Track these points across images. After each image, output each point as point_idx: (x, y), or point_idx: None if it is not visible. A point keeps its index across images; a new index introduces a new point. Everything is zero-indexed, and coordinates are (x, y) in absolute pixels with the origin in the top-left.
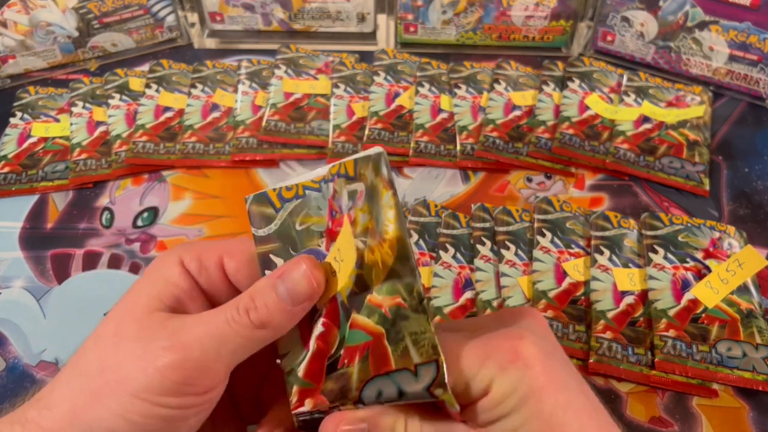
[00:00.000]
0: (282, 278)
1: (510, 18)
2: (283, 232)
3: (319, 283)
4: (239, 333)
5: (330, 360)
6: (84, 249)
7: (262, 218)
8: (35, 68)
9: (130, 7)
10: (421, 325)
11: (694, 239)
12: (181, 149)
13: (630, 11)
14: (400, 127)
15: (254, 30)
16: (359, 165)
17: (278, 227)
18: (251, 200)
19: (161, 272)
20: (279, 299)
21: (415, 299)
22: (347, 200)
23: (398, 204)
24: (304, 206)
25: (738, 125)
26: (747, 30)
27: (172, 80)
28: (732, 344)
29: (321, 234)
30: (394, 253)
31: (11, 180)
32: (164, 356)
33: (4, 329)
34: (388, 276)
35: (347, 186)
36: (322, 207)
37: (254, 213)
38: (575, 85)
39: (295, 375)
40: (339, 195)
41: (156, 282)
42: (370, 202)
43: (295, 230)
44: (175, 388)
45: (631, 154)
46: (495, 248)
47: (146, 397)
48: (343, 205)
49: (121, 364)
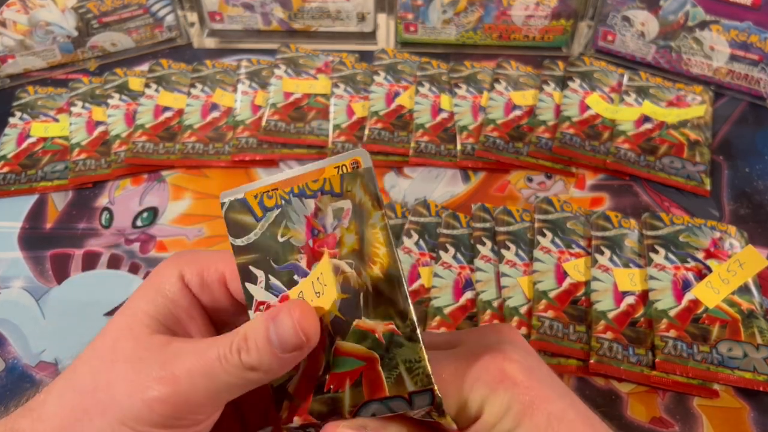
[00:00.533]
0: (275, 322)
1: (510, 17)
2: (264, 242)
3: (309, 335)
4: (229, 372)
5: (317, 382)
6: (83, 249)
7: (241, 227)
8: (34, 68)
9: (130, 7)
10: (416, 353)
11: (695, 239)
12: (181, 149)
13: (631, 11)
14: (400, 127)
15: (254, 30)
16: (346, 181)
17: (258, 237)
18: (227, 206)
19: (162, 288)
20: (270, 344)
21: (409, 327)
22: (332, 219)
23: (388, 225)
24: (284, 216)
25: (739, 125)
26: (748, 29)
27: (172, 80)
28: (733, 344)
29: (299, 250)
30: (385, 278)
31: (10, 180)
32: (154, 388)
33: (4, 329)
34: (380, 301)
35: (332, 203)
36: (299, 223)
37: (232, 221)
38: (576, 85)
39: (284, 391)
40: (323, 213)
41: (156, 299)
42: (358, 221)
43: (277, 241)
44: (163, 421)
45: (631, 153)
46: (495, 248)
47: (133, 426)
48: (327, 224)
49: (113, 386)
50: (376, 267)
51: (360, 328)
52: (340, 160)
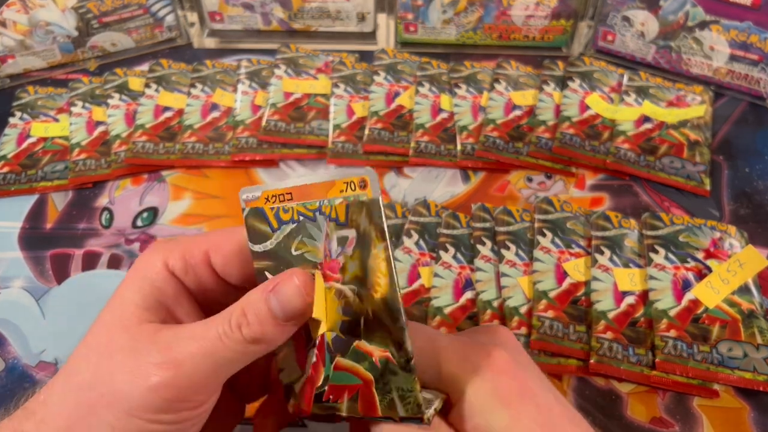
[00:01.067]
0: (275, 292)
1: (510, 17)
2: (279, 252)
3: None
4: (231, 348)
5: (317, 390)
6: (83, 249)
7: (259, 234)
8: (34, 68)
9: (130, 7)
10: (408, 383)
11: (695, 239)
12: (181, 149)
13: (630, 11)
14: (400, 127)
15: (254, 29)
16: (351, 211)
17: (274, 246)
18: (248, 212)
19: (147, 276)
20: (271, 314)
21: (403, 358)
22: (336, 246)
23: (391, 257)
24: (300, 232)
25: (739, 125)
26: (748, 30)
27: (172, 80)
28: (733, 344)
29: (315, 265)
30: (384, 308)
31: (10, 180)
32: (156, 374)
33: (4, 329)
34: (378, 328)
35: (337, 231)
36: (317, 238)
37: (251, 227)
38: (576, 85)
39: (292, 390)
40: (330, 238)
41: (142, 287)
42: (361, 250)
43: (291, 254)
44: (168, 405)
45: (631, 153)
46: (495, 248)
47: (140, 414)
48: (332, 250)
49: (114, 378)
50: (377, 296)
51: (359, 349)
52: (349, 176)
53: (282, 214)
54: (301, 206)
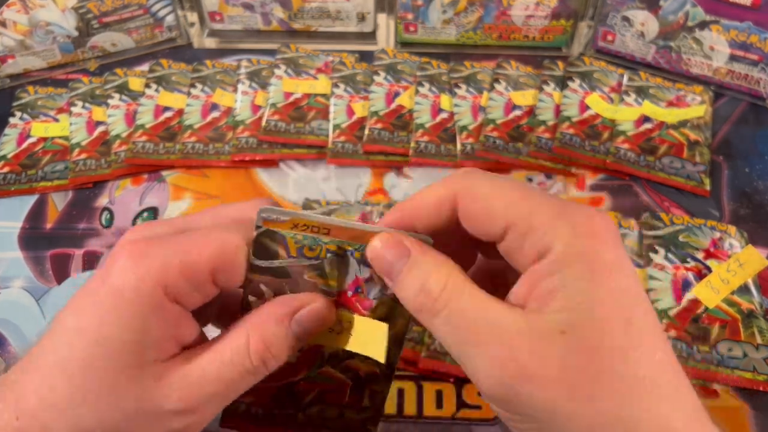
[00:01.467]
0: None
1: (510, 17)
2: (286, 273)
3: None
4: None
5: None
6: (83, 249)
7: (268, 252)
8: (34, 68)
9: (130, 7)
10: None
11: (695, 239)
12: (181, 149)
13: (630, 11)
14: (400, 127)
15: (254, 30)
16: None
17: (282, 267)
18: (263, 232)
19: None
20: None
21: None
22: (377, 292)
23: (410, 326)
24: (320, 267)
25: (739, 125)
26: (748, 30)
27: (172, 80)
28: (733, 344)
29: (327, 294)
30: (379, 368)
31: (10, 180)
32: (176, 420)
33: (4, 329)
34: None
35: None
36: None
37: (261, 244)
38: (575, 85)
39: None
40: (374, 283)
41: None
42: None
43: (303, 278)
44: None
45: (631, 153)
46: None
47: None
48: (372, 293)
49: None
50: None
51: (349, 366)
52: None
53: (307, 252)
54: (333, 244)
